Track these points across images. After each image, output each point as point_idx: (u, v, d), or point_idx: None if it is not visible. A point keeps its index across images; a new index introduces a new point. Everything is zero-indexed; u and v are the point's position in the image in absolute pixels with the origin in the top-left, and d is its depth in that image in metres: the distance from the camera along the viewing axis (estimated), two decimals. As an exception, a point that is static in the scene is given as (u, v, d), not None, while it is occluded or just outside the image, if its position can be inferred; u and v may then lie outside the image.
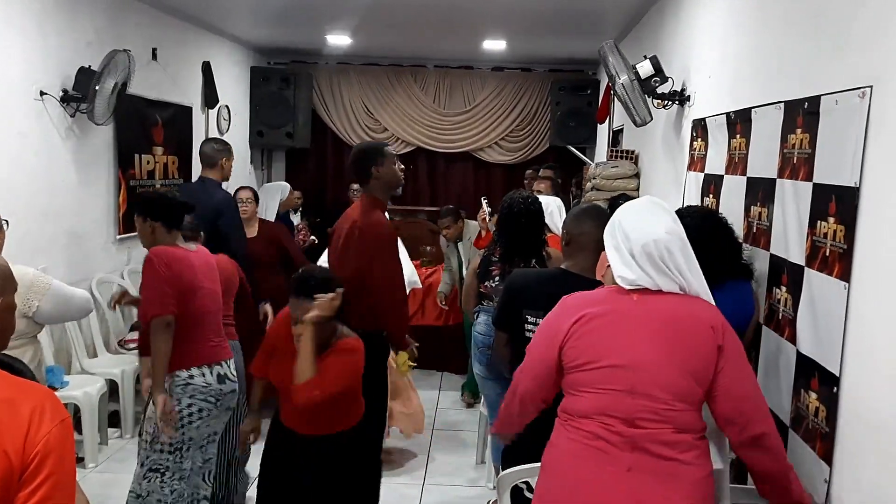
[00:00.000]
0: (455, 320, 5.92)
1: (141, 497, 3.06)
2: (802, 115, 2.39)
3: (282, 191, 6.28)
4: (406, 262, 4.41)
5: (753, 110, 2.87)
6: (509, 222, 3.55)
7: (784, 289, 2.48)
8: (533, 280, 2.79)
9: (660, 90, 4.06)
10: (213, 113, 7.17)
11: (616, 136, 6.65)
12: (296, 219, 6.94)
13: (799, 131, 2.42)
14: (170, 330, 2.93)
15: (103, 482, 4.03)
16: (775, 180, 2.60)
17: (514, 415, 2.26)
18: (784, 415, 2.42)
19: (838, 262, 2.09)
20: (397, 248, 3.56)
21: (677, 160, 4.21)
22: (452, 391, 5.79)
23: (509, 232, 3.55)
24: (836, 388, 2.08)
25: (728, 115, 3.18)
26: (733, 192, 3.04)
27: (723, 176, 3.21)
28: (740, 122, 3.04)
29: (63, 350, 4.65)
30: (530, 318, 2.69)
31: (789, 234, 2.45)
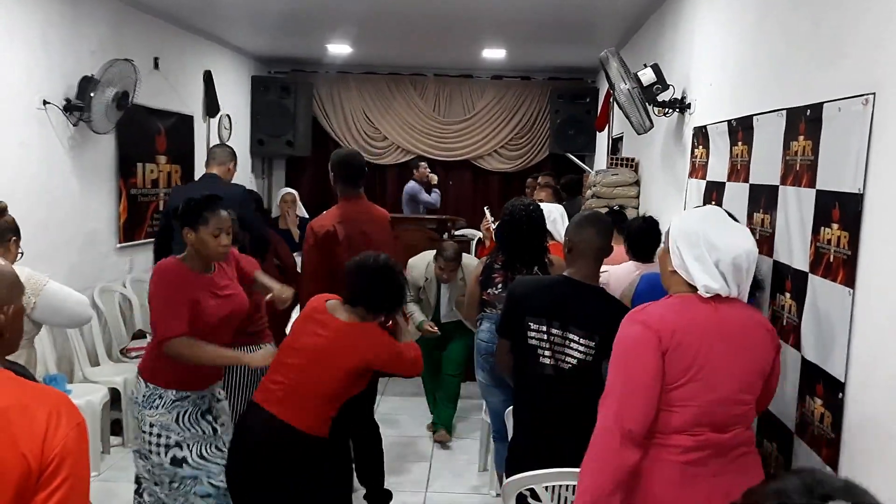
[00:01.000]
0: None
1: None
2: (805, 122, 2.41)
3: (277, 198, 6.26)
4: None
5: (755, 117, 2.89)
6: (511, 230, 3.56)
7: (788, 295, 2.49)
8: (535, 287, 2.81)
9: (660, 98, 4.07)
10: (214, 122, 7.19)
11: (616, 143, 6.67)
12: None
13: (801, 138, 2.43)
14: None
15: (105, 490, 4.02)
16: (778, 187, 2.61)
17: (628, 468, 1.92)
18: (789, 421, 2.43)
19: (842, 268, 2.10)
20: None
21: (678, 167, 4.22)
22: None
23: (511, 239, 3.56)
24: (841, 395, 2.08)
25: (729, 122, 3.20)
26: (736, 199, 3.05)
27: (725, 183, 3.22)
28: (742, 130, 3.05)
29: (65, 358, 4.65)
30: (533, 325, 2.70)
31: (793, 241, 2.46)
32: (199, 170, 6.31)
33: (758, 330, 2.03)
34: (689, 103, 4.01)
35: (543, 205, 3.93)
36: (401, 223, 7.28)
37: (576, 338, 2.65)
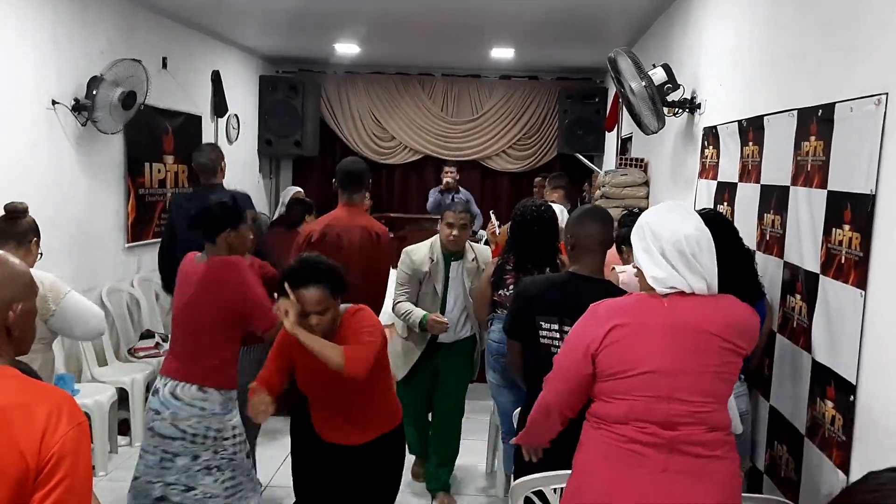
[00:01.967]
0: None
1: None
2: (816, 123, 2.39)
3: (283, 196, 6.11)
4: None
5: (766, 118, 2.87)
6: (522, 230, 3.55)
7: (798, 297, 2.47)
8: (544, 287, 2.79)
9: (670, 98, 4.05)
10: (222, 122, 7.20)
11: (625, 144, 6.65)
12: None
13: (813, 139, 2.41)
14: None
15: (113, 490, 4.02)
16: (789, 188, 2.59)
17: (540, 427, 2.25)
18: (800, 423, 2.41)
19: (854, 269, 2.08)
20: None
21: (688, 168, 4.20)
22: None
23: (522, 240, 3.55)
24: (852, 397, 2.06)
25: (740, 122, 3.18)
26: (747, 199, 3.04)
27: (737, 184, 3.20)
28: (753, 130, 3.03)
29: (73, 358, 4.66)
30: (544, 325, 2.68)
31: (803, 242, 2.44)
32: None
33: (717, 330, 1.96)
34: (700, 103, 3.99)
35: (555, 205, 3.93)
36: (410, 223, 7.28)
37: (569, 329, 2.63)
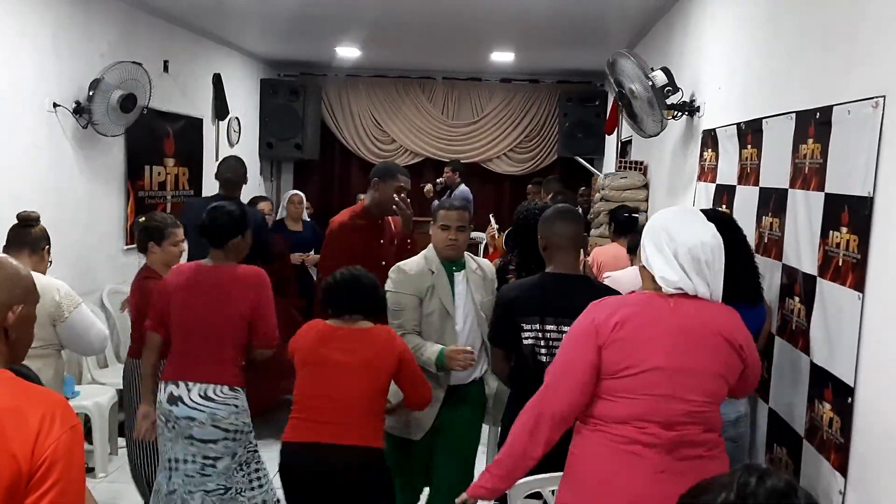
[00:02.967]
0: None
1: None
2: (814, 125, 2.39)
3: (283, 199, 6.02)
4: None
5: (764, 121, 2.87)
6: (524, 233, 3.55)
7: (797, 299, 2.47)
8: (521, 290, 2.79)
9: (669, 101, 4.06)
10: (223, 125, 7.21)
11: (624, 147, 6.66)
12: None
13: (811, 141, 2.42)
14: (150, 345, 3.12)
15: (113, 492, 4.03)
16: (787, 190, 2.59)
17: (535, 443, 2.06)
18: (798, 426, 2.41)
19: (852, 272, 2.08)
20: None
21: (686, 171, 4.21)
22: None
23: (524, 243, 3.55)
24: (850, 399, 2.06)
25: (739, 125, 3.18)
26: (746, 202, 3.04)
27: (735, 186, 3.21)
28: (751, 133, 3.04)
29: (73, 360, 4.66)
30: (526, 326, 2.71)
31: (801, 245, 2.45)
32: (207, 172, 6.33)
33: (719, 334, 1.98)
34: (699, 106, 4.00)
35: None
36: (417, 225, 7.20)
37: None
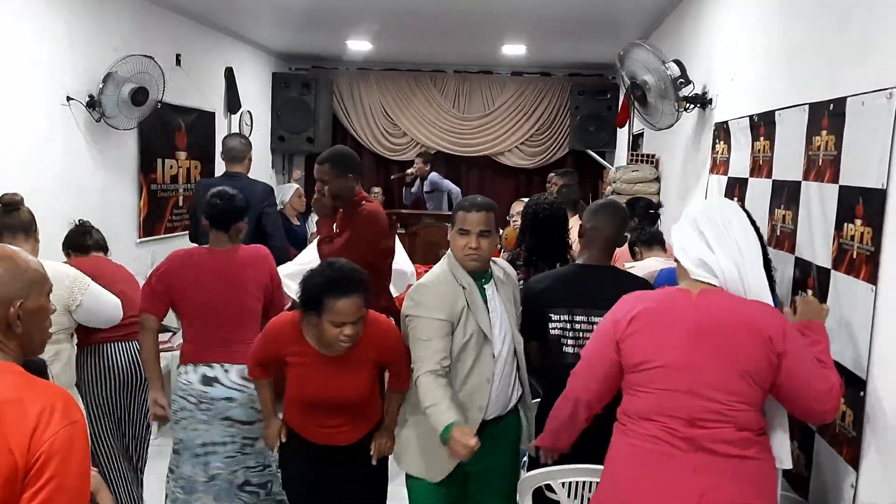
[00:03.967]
0: None
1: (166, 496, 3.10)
2: (828, 117, 2.38)
3: (283, 192, 5.95)
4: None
5: (777, 112, 2.86)
6: (533, 226, 3.55)
7: (810, 292, 2.46)
8: (549, 281, 2.78)
9: (682, 93, 4.04)
10: (235, 118, 7.23)
11: (636, 139, 6.63)
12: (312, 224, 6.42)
13: (824, 133, 2.40)
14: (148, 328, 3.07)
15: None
16: (800, 183, 2.58)
17: (564, 423, 2.26)
18: (810, 419, 2.40)
19: (865, 264, 2.07)
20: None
21: (699, 163, 4.19)
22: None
23: (533, 236, 3.55)
24: (862, 392, 2.05)
25: (751, 117, 3.17)
26: (758, 195, 3.02)
27: (747, 179, 3.19)
28: (764, 125, 3.02)
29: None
30: (554, 317, 2.67)
31: (815, 237, 2.43)
32: (220, 166, 6.34)
33: (753, 332, 1.91)
34: (711, 99, 3.98)
35: None
36: (419, 219, 7.27)
37: (600, 321, 2.62)
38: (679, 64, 3.97)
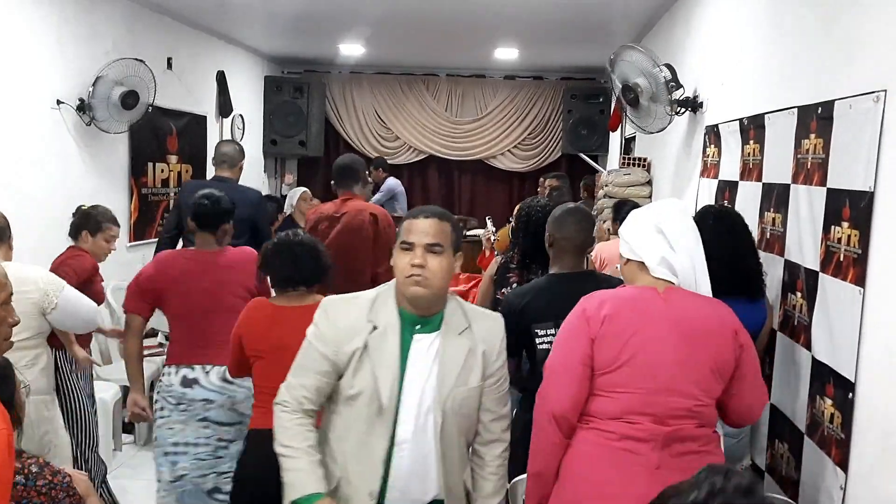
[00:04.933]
0: None
1: None
2: (816, 120, 2.39)
3: (290, 198, 5.95)
4: None
5: (767, 116, 2.87)
6: (527, 230, 3.54)
7: (799, 295, 2.47)
8: (529, 295, 2.69)
9: (673, 97, 4.05)
10: (227, 122, 7.22)
11: (628, 143, 6.65)
12: None
13: (813, 136, 2.41)
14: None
15: (117, 488, 4.01)
16: (789, 186, 2.59)
17: (552, 446, 2.00)
18: (799, 421, 2.41)
19: (853, 267, 2.08)
20: None
21: (689, 167, 4.20)
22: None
23: (527, 239, 3.55)
24: (851, 394, 2.06)
25: (741, 121, 3.18)
26: (748, 198, 3.03)
27: (737, 182, 3.20)
28: (753, 128, 3.03)
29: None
30: (540, 332, 2.61)
31: (803, 240, 2.44)
32: (211, 170, 6.33)
33: (721, 328, 1.96)
34: (701, 102, 3.99)
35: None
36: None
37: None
38: (670, 68, 3.99)
